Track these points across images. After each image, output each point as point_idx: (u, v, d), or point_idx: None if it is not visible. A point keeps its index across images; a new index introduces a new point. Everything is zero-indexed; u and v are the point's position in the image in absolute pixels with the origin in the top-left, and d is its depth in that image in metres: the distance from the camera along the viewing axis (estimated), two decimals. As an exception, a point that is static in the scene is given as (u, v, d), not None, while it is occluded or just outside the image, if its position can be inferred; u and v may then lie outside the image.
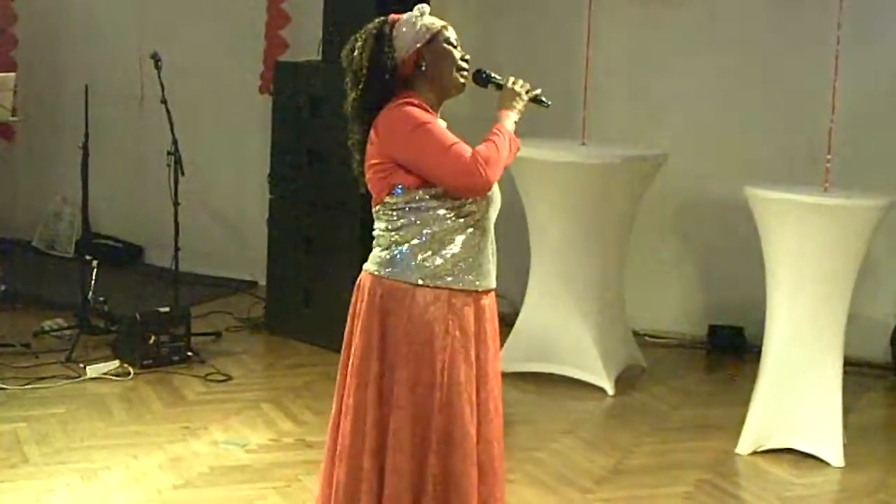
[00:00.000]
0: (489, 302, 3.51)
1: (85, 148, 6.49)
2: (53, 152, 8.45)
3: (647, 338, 6.93)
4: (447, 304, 3.39)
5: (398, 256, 3.40)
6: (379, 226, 3.47)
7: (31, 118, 7.06)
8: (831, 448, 5.25)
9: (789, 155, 6.60)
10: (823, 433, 5.27)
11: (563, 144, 6.35)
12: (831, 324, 5.29)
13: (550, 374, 6.22)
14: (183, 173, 6.32)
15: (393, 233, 3.42)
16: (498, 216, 3.55)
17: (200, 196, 7.47)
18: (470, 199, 3.39)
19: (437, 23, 3.49)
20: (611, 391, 6.08)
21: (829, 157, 5.49)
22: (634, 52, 7.07)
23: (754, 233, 5.47)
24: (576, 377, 6.17)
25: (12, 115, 6.68)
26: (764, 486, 5.06)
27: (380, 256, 3.45)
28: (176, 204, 6.35)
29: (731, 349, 6.82)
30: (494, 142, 3.40)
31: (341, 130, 3.60)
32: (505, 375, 6.11)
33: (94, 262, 6.61)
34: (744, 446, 5.35)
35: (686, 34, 6.93)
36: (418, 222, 3.38)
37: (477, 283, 3.44)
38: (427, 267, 3.38)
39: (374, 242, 3.51)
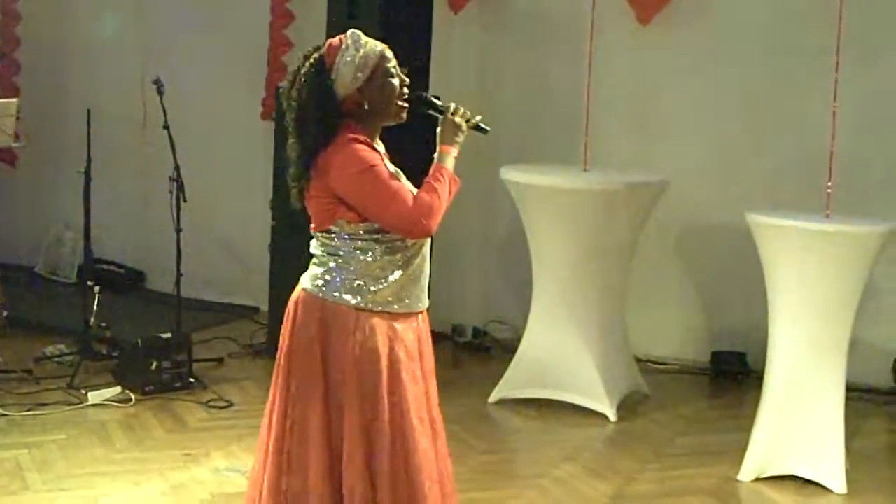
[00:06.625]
0: (422, 321, 3.55)
1: (87, 173, 6.48)
2: (56, 178, 8.47)
3: (649, 363, 6.93)
4: (390, 327, 3.42)
5: (338, 280, 3.41)
6: (319, 248, 3.48)
7: (33, 143, 7.06)
8: (834, 474, 5.22)
9: (791, 181, 6.61)
10: (826, 459, 5.25)
11: (566, 171, 6.37)
12: (833, 349, 5.28)
13: (552, 401, 6.21)
14: (185, 199, 6.31)
15: (334, 257, 3.44)
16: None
17: (203, 222, 7.48)
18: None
19: (374, 53, 3.41)
20: (613, 417, 6.07)
21: (829, 182, 5.49)
22: (636, 78, 7.08)
23: (756, 258, 5.47)
24: (578, 403, 6.16)
25: (15, 141, 6.68)
26: (767, 512, 5.06)
27: (320, 278, 3.45)
28: (178, 230, 6.34)
29: (734, 375, 6.82)
30: (436, 189, 3.39)
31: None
32: (507, 402, 6.18)
33: (97, 288, 6.60)
34: (746, 473, 5.33)
35: (687, 61, 6.95)
36: (358, 252, 3.40)
37: (414, 305, 3.49)
38: (368, 292, 3.40)
39: (312, 261, 3.51)
